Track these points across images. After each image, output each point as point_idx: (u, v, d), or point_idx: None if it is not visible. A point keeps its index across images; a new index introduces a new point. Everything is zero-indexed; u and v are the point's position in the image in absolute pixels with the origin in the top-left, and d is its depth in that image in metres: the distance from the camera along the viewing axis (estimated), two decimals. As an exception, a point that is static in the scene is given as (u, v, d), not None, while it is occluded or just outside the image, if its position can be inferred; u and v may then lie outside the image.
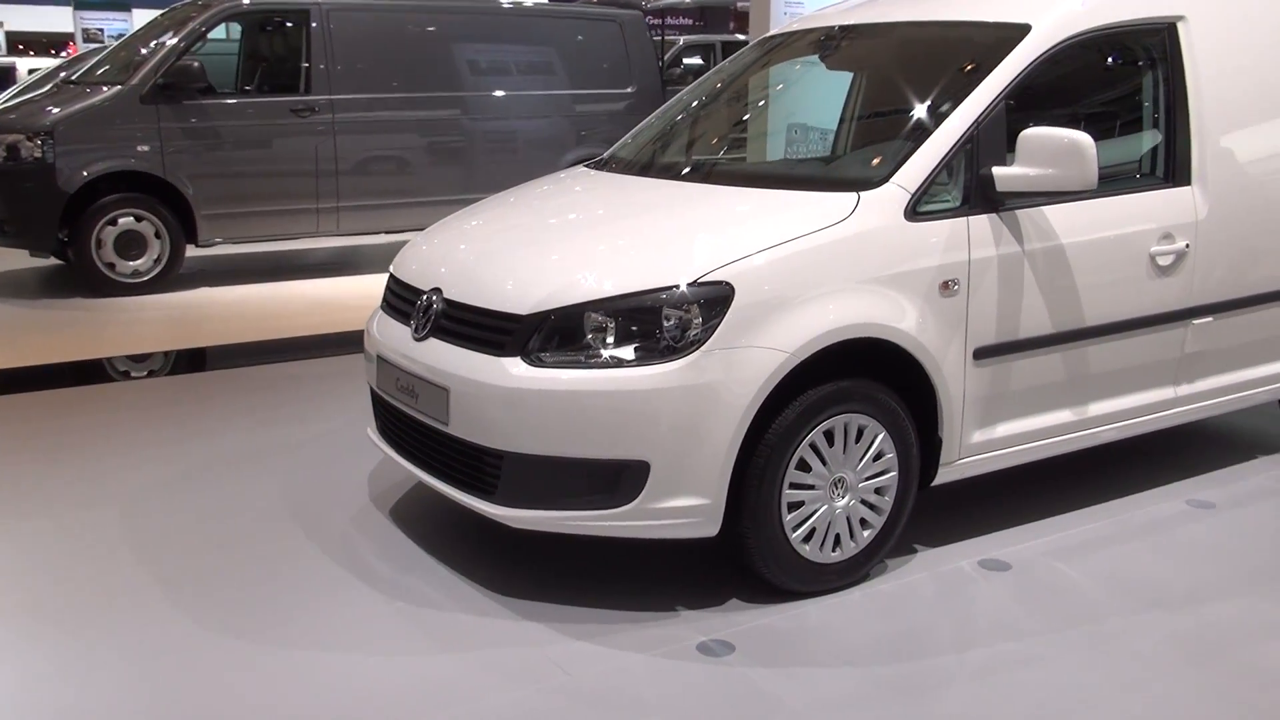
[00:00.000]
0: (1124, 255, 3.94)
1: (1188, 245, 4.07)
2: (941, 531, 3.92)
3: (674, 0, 15.62)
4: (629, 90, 9.86)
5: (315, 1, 8.56)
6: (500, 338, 3.37)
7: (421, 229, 9.06)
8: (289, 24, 8.68)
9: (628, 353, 3.25)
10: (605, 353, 3.26)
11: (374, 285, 8.33)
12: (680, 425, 3.20)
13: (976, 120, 3.62)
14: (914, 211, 3.52)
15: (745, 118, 4.88)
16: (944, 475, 3.72)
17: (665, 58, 15.27)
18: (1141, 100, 4.18)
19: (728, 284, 3.24)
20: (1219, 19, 4.24)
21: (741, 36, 18.27)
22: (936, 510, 3.98)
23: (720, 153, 4.69)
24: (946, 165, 3.58)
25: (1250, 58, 4.34)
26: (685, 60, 17.02)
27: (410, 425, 3.71)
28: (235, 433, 5.01)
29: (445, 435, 3.49)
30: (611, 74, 9.84)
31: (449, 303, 3.58)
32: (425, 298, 3.67)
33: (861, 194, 3.51)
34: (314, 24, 8.49)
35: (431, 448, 3.61)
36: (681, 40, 17.18)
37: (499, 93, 9.35)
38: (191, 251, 8.32)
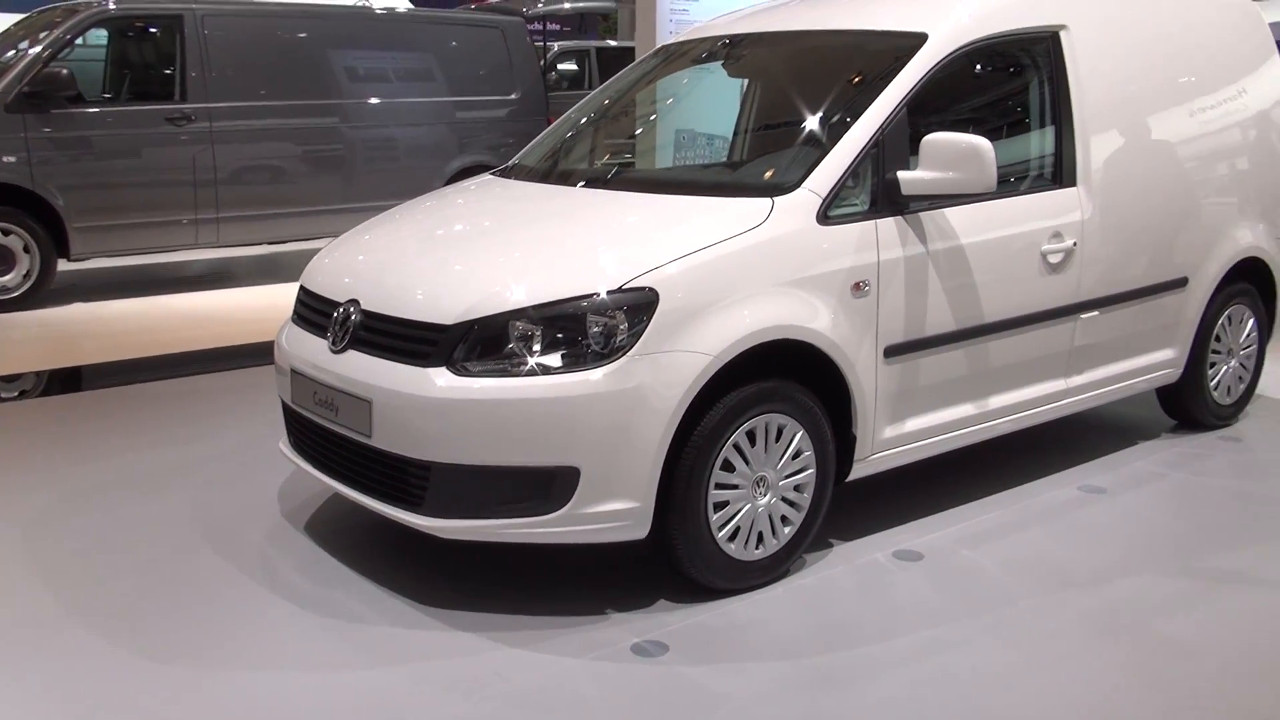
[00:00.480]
0: (1019, 254, 4.12)
1: (1075, 243, 4.27)
2: (855, 525, 4.04)
3: (554, 7, 15.59)
4: (512, 97, 9.85)
5: (189, 7, 8.33)
6: (424, 348, 3.35)
7: (304, 239, 9.11)
8: (161, 30, 8.42)
9: (554, 360, 3.27)
10: (531, 360, 3.27)
11: (255, 297, 8.25)
12: (609, 430, 3.23)
13: (881, 126, 3.75)
14: (825, 215, 3.62)
15: (651, 125, 4.94)
16: (858, 471, 3.83)
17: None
18: (1030, 105, 4.38)
19: (652, 289, 3.29)
20: (1097, 28, 4.47)
21: (613, 43, 18.37)
22: (849, 505, 4.10)
23: (628, 159, 4.75)
24: (854, 170, 3.70)
25: (1126, 64, 4.58)
26: (559, 66, 17.05)
27: (329, 439, 3.66)
28: (129, 454, 4.84)
29: (368, 448, 3.46)
30: (494, 81, 9.81)
31: (368, 314, 3.55)
32: (342, 309, 3.63)
33: (776, 199, 3.60)
34: (188, 30, 8.26)
35: (353, 461, 3.57)
36: (556, 46, 17.18)
37: (380, 100, 9.24)
38: (64, 266, 8.00)
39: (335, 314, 3.64)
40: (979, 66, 4.33)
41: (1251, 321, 5.22)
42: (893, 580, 3.71)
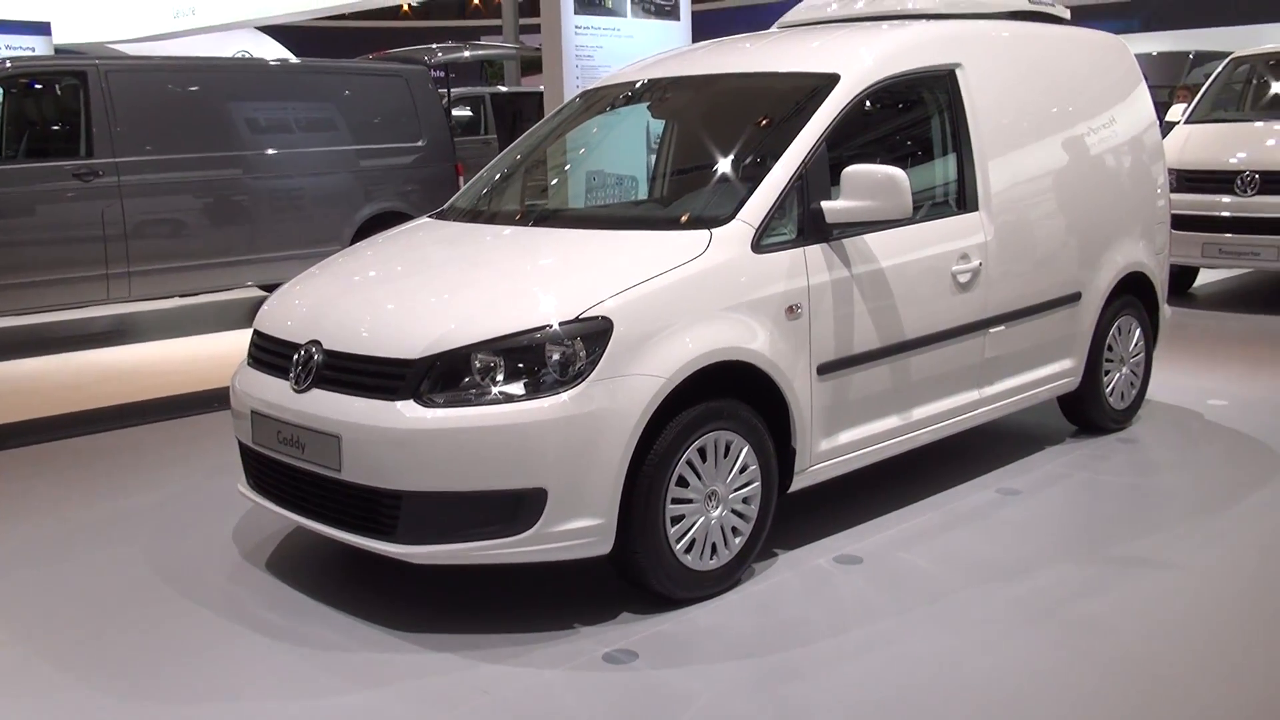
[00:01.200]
0: (932, 274, 4.46)
1: (980, 263, 4.63)
2: (797, 534, 4.30)
3: (454, 56, 15.78)
4: (419, 144, 9.98)
5: (93, 63, 8.31)
6: (391, 383, 3.51)
7: (214, 291, 9.09)
8: (64, 86, 8.39)
9: (517, 388, 3.46)
10: (495, 390, 3.46)
11: (164, 351, 8.21)
12: (573, 452, 3.43)
13: (804, 160, 4.05)
14: (758, 245, 3.90)
15: (583, 166, 5.18)
16: (799, 482, 4.09)
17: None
18: (934, 137, 4.74)
19: (606, 318, 3.51)
20: (988, 65, 4.87)
21: (504, 88, 18.63)
22: (791, 516, 4.35)
23: (564, 199, 4.97)
24: (782, 202, 3.98)
25: (1015, 98, 4.99)
26: (455, 112, 17.24)
27: (294, 476, 3.78)
28: (67, 508, 4.84)
29: (337, 482, 3.59)
30: (400, 128, 9.93)
31: (331, 353, 3.69)
32: (303, 350, 3.77)
33: (713, 231, 3.86)
34: (92, 85, 8.23)
35: (321, 496, 3.70)
36: (450, 93, 17.37)
37: (285, 150, 9.27)
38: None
39: (296, 355, 3.78)
40: (887, 103, 4.68)
41: (1138, 331, 5.66)
42: (836, 582, 3.97)
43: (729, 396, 3.80)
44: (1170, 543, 4.29)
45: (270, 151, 9.16)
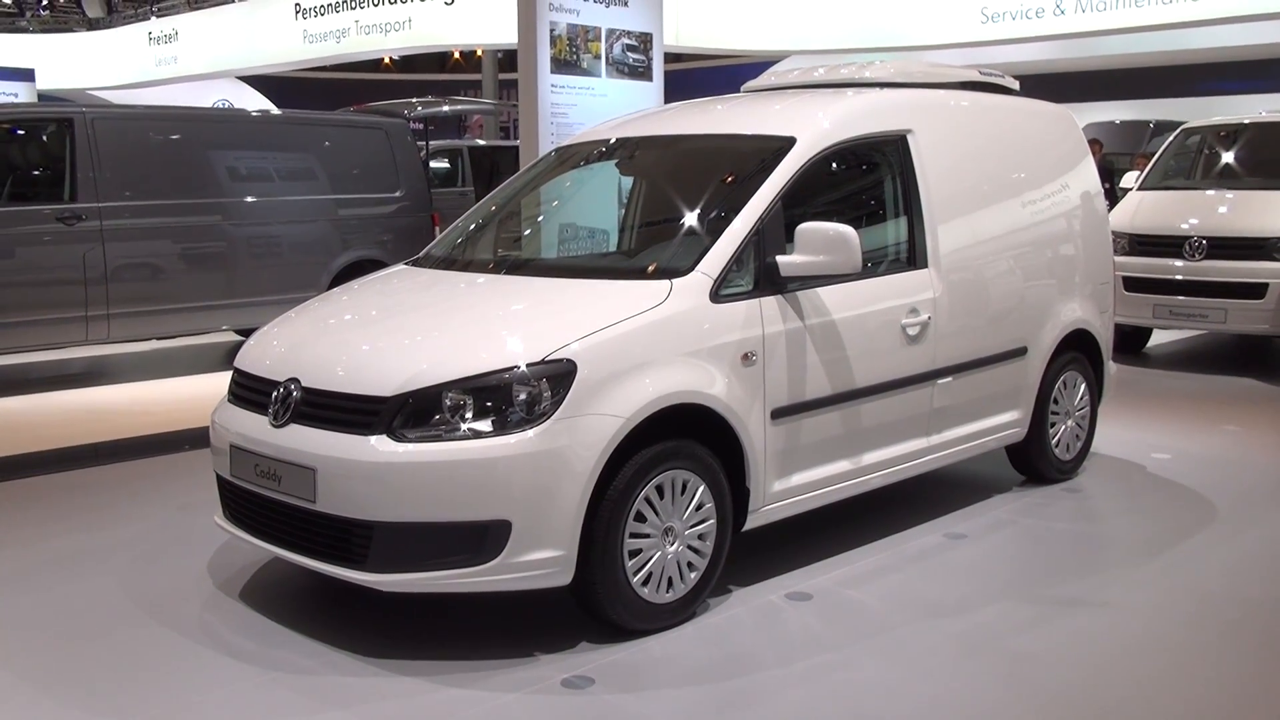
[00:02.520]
0: (882, 327, 4.70)
1: (929, 318, 4.88)
2: (750, 571, 4.49)
3: (433, 110, 16.10)
4: (397, 194, 10.22)
5: (79, 110, 8.53)
6: (366, 418, 3.71)
7: (192, 334, 9.26)
8: (50, 133, 8.59)
9: (485, 426, 3.66)
10: (464, 426, 3.66)
11: (140, 392, 8.34)
12: (536, 486, 3.63)
13: (761, 216, 4.30)
14: (716, 295, 4.13)
15: (552, 218, 5.43)
16: (752, 521, 4.29)
17: (420, 162, 15.65)
18: (886, 198, 5.02)
19: (571, 361, 3.73)
20: (939, 132, 5.16)
21: (481, 142, 18.97)
22: (744, 554, 4.55)
23: (536, 249, 5.21)
24: (740, 255, 4.23)
25: (965, 163, 5.28)
26: (433, 164, 17.55)
27: (271, 508, 3.95)
28: (38, 543, 4.93)
29: (312, 513, 3.77)
30: (379, 179, 10.17)
31: (309, 390, 3.89)
32: (282, 387, 3.96)
33: (674, 281, 4.10)
34: (78, 132, 8.44)
35: (296, 526, 3.87)
36: (428, 146, 17.70)
37: (266, 199, 9.49)
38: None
39: (275, 392, 3.97)
40: (841, 165, 4.95)
41: (1083, 386, 5.92)
42: (787, 617, 4.16)
43: (687, 437, 4.01)
44: (1108, 584, 4.51)
45: (249, 199, 9.36)
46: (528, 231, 5.34)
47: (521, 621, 4.05)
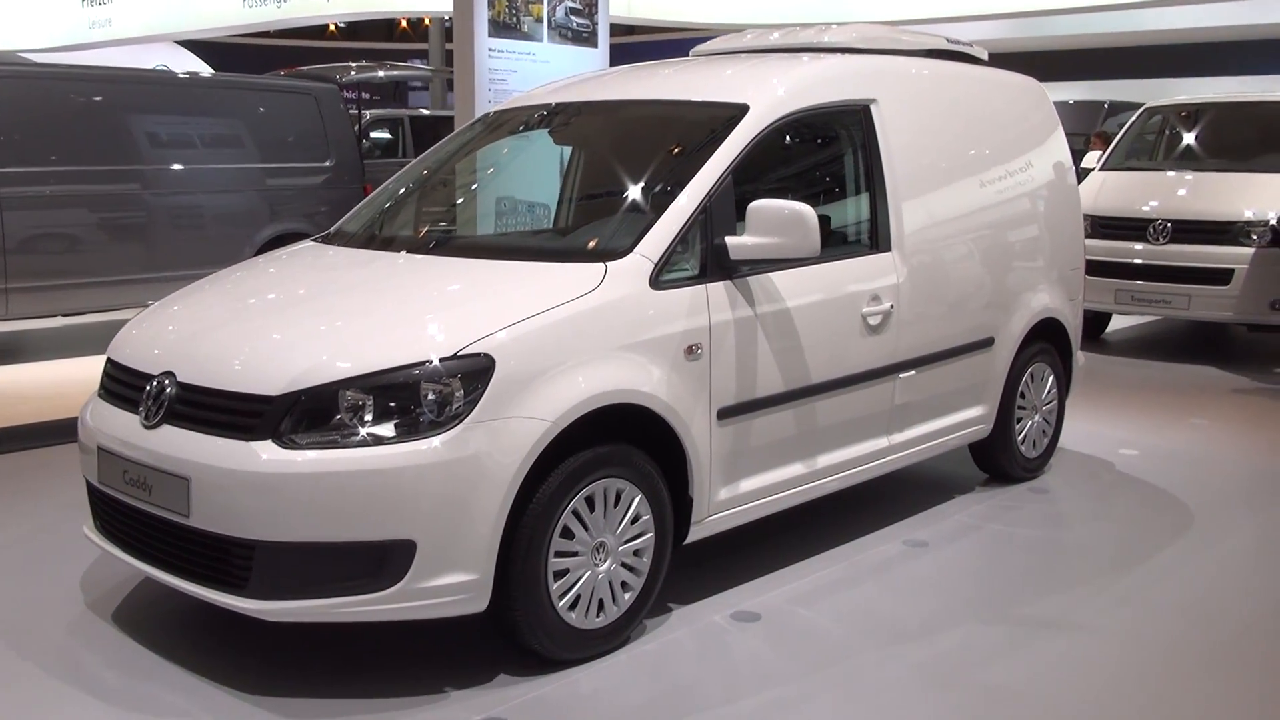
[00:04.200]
0: (841, 316, 4.25)
1: (892, 306, 4.44)
2: (692, 588, 4.04)
3: (368, 75, 15.44)
4: (327, 164, 9.65)
5: (-31, 69, 7.85)
6: (248, 421, 3.20)
7: (104, 310, 8.63)
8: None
9: (387, 430, 3.17)
10: (363, 431, 3.16)
11: (30, 374, 7.71)
12: (446, 501, 3.15)
13: (709, 193, 3.82)
14: (657, 280, 3.66)
15: (476, 192, 4.91)
16: (695, 533, 3.84)
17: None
18: (847, 174, 4.56)
19: (488, 356, 3.24)
20: (905, 102, 4.70)
21: (426, 111, 18.31)
22: (685, 568, 4.10)
23: (454, 226, 4.69)
24: (684, 236, 3.75)
25: (932, 137, 4.83)
26: (373, 134, 16.88)
27: (141, 520, 3.43)
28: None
29: (185, 528, 3.26)
30: (307, 148, 9.59)
31: (184, 386, 3.37)
32: (155, 382, 3.43)
33: (609, 264, 3.61)
34: (-30, 92, 7.77)
35: (168, 543, 3.35)
36: (369, 115, 17.02)
37: (186, 166, 8.87)
38: None
39: (148, 387, 3.45)
40: (798, 137, 4.49)
41: (1051, 378, 5.53)
42: (732, 642, 3.72)
43: (622, 442, 3.54)
44: (1082, 602, 4.11)
45: (168, 167, 8.75)
46: (450, 207, 4.81)
47: (431, 650, 3.56)
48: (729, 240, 3.80)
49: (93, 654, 3.53)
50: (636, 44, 22.45)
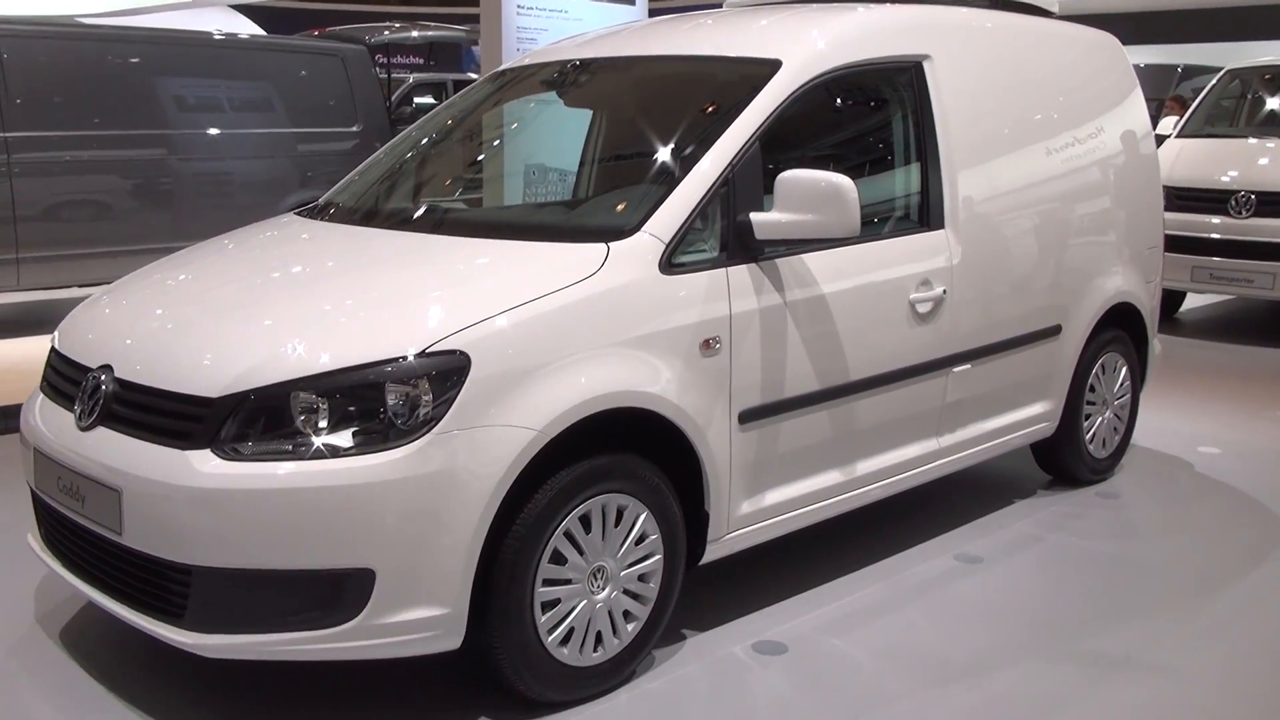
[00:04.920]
0: (885, 303, 3.73)
1: (945, 291, 3.91)
2: (710, 612, 3.56)
3: (401, 36, 14.99)
4: (354, 129, 9.23)
5: (-12, 29, 7.50)
6: (185, 426, 2.76)
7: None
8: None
9: (345, 439, 2.71)
10: (318, 440, 2.71)
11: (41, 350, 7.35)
12: (411, 522, 2.69)
13: (731, 162, 3.31)
14: (669, 263, 3.16)
15: (479, 159, 4.43)
16: (713, 552, 3.36)
17: (394, 96, 14.62)
18: (894, 141, 4.02)
19: (463, 353, 2.77)
20: (963, 59, 4.14)
21: (475, 75, 17.86)
22: (702, 588, 3.62)
23: (452, 198, 4.22)
24: (702, 211, 3.25)
25: (994, 98, 4.27)
26: (416, 99, 16.45)
27: (77, 534, 3.02)
28: None
29: (119, 547, 2.84)
30: (334, 112, 9.19)
31: (122, 383, 2.94)
32: (92, 377, 3.01)
33: (611, 245, 3.12)
34: (-19, 51, 7.43)
35: (104, 562, 2.94)
36: (412, 78, 16.58)
37: (211, 131, 8.52)
38: None
39: (85, 382, 3.02)
40: (838, 98, 3.95)
41: (1125, 370, 4.96)
42: (752, 680, 3.24)
43: (626, 451, 3.06)
44: (1160, 635, 3.58)
45: (196, 131, 8.39)
46: (440, 178, 4.31)
47: (403, 688, 3.12)
48: (754, 217, 3.28)
49: (30, 679, 3.15)
50: (677, 5, 21.79)
